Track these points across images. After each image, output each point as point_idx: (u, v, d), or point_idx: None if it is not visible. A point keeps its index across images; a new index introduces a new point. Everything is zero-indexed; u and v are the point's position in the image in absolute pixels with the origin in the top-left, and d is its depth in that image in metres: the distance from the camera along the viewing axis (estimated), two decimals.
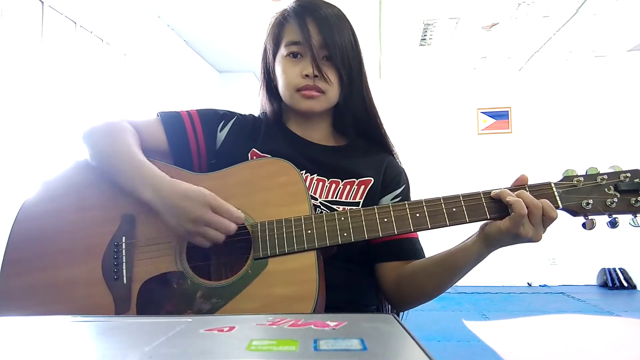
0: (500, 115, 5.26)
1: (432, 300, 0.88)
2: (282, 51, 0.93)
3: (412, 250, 0.92)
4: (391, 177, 0.96)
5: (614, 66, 4.99)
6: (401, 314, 0.97)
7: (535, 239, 0.74)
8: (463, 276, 0.83)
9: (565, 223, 0.89)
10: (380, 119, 1.00)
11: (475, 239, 0.79)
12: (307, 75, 0.89)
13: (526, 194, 0.74)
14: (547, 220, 0.74)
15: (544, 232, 0.75)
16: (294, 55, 0.91)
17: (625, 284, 4.78)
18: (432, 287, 0.86)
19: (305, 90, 0.90)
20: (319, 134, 0.99)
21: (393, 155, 1.02)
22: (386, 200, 0.95)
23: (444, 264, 0.83)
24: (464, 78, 5.33)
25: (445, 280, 0.84)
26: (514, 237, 0.74)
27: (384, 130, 1.01)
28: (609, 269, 4.87)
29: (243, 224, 0.78)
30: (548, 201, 0.73)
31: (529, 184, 0.78)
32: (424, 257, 0.92)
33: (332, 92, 0.92)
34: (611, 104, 5.01)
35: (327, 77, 0.89)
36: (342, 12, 0.95)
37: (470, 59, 4.87)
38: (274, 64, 0.96)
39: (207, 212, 0.74)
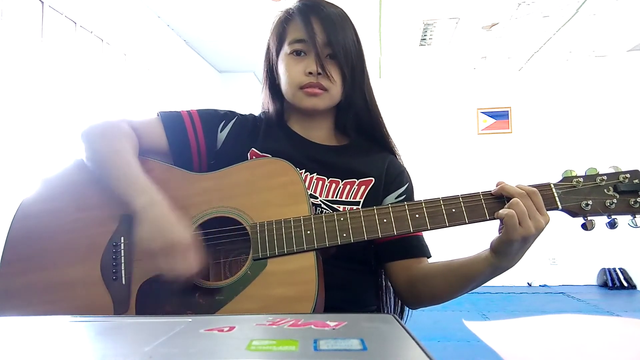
0: (500, 115, 5.26)
1: (445, 302, 0.88)
2: (286, 49, 0.93)
3: (419, 247, 0.92)
4: (393, 177, 0.96)
5: (614, 66, 4.98)
6: (405, 314, 0.97)
7: (538, 229, 0.73)
8: (479, 286, 0.83)
9: (565, 223, 0.89)
10: (382, 119, 1.00)
11: (487, 252, 0.78)
12: (310, 73, 0.89)
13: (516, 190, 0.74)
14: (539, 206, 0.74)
15: (546, 219, 0.74)
16: (297, 53, 0.91)
17: (625, 284, 4.78)
18: (445, 292, 0.86)
19: (309, 87, 0.90)
20: (321, 134, 0.99)
21: (395, 155, 1.02)
22: (390, 199, 0.95)
23: (458, 272, 0.83)
24: (464, 78, 5.33)
25: (458, 287, 0.84)
26: (520, 242, 0.73)
27: (386, 130, 1.01)
28: (609, 269, 4.87)
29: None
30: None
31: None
32: (430, 254, 0.93)
33: (335, 90, 0.92)
34: (611, 104, 5.01)
35: (330, 75, 0.89)
36: (344, 12, 0.95)
37: (470, 59, 4.87)
38: (277, 62, 0.96)
39: (179, 256, 0.74)
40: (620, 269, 4.87)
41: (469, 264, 0.81)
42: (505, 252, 0.75)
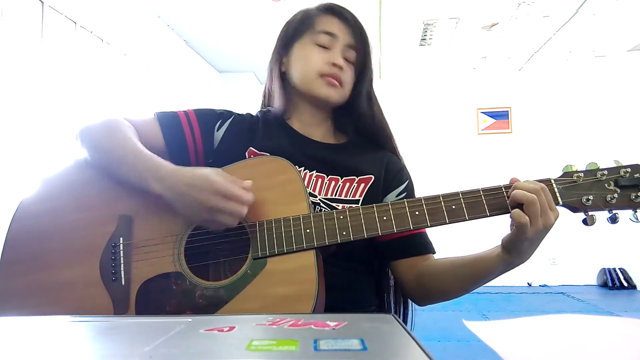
0: (500, 115, 5.26)
1: (455, 298, 0.88)
2: (311, 37, 0.95)
3: (424, 244, 0.92)
4: (393, 174, 0.96)
5: (614, 66, 4.98)
6: (409, 318, 0.97)
7: (547, 226, 0.72)
8: (487, 282, 0.83)
9: (565, 223, 0.88)
10: (388, 126, 1.02)
11: (499, 249, 0.78)
12: (335, 65, 0.92)
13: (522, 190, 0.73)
14: (550, 203, 0.73)
15: (556, 214, 0.73)
16: (323, 45, 0.94)
17: (625, 284, 4.78)
18: (454, 289, 0.86)
19: (330, 77, 0.93)
20: (320, 132, 0.99)
21: (396, 155, 1.02)
22: (390, 197, 0.95)
23: (469, 269, 0.83)
24: (464, 78, 5.32)
25: (469, 283, 0.84)
26: (530, 240, 0.73)
27: (391, 134, 1.02)
28: (609, 269, 4.87)
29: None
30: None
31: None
32: (434, 251, 0.93)
33: (347, 89, 0.96)
34: (611, 104, 5.01)
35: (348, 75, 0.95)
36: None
37: (470, 59, 4.87)
38: (293, 47, 0.97)
39: (218, 200, 0.73)
40: (620, 269, 4.87)
41: (480, 261, 0.81)
42: (517, 249, 0.75)
